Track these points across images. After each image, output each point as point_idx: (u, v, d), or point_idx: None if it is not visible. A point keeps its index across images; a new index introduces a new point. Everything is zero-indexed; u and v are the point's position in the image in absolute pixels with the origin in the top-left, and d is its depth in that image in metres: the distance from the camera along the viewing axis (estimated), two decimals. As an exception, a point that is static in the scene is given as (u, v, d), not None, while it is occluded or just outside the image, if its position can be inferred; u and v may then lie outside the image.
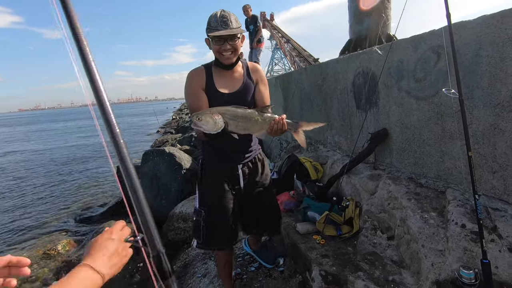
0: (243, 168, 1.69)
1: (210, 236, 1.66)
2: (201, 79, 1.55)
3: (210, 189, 1.68)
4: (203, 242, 1.68)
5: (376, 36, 4.13)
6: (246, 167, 1.70)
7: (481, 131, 1.63)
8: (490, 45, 1.53)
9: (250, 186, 1.73)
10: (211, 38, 1.47)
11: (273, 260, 2.19)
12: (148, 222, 0.43)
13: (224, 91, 1.57)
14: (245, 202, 1.76)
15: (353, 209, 2.28)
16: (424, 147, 2.05)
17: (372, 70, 2.51)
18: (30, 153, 14.62)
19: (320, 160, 3.26)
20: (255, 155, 1.74)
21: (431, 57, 1.89)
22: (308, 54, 13.69)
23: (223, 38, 1.44)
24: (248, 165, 1.71)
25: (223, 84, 1.57)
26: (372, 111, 2.57)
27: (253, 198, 1.75)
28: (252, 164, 1.73)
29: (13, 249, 4.25)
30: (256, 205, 1.79)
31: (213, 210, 1.66)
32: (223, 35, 1.43)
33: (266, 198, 1.82)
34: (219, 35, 1.42)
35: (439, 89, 1.85)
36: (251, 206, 1.78)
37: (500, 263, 1.33)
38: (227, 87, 1.58)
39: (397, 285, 1.62)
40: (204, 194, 1.69)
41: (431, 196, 1.91)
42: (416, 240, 1.68)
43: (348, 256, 1.92)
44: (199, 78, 1.55)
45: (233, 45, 1.47)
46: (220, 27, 1.43)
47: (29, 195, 7.16)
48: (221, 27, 1.42)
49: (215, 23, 1.44)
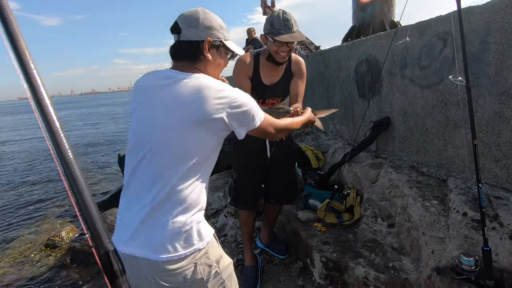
0: (270, 140, 1.87)
1: (237, 196, 1.97)
2: (249, 67, 1.73)
3: (241, 157, 1.94)
4: (232, 199, 2.00)
5: (380, 23, 4.04)
6: (274, 140, 1.88)
7: (486, 120, 1.62)
8: (498, 32, 1.50)
9: (276, 156, 1.90)
10: (273, 40, 1.57)
11: (284, 250, 2.23)
12: (93, 219, 0.40)
13: (265, 82, 1.75)
14: (270, 171, 1.95)
15: (354, 197, 2.29)
16: (427, 136, 2.03)
17: (376, 57, 2.47)
18: (29, 141, 14.63)
19: (322, 149, 3.25)
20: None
21: (437, 44, 1.86)
22: (309, 42, 13.49)
23: (286, 42, 1.55)
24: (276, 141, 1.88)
25: (266, 75, 1.75)
26: (375, 99, 2.55)
27: (277, 168, 1.94)
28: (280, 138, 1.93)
29: (16, 237, 4.30)
30: (279, 174, 1.97)
31: (241, 175, 1.94)
32: (287, 40, 1.54)
33: (288, 168, 2.03)
34: (284, 41, 1.53)
35: (444, 77, 1.82)
36: (274, 175, 1.97)
37: (500, 251, 1.34)
38: (269, 79, 1.75)
39: (397, 271, 1.64)
40: (236, 161, 1.98)
41: (433, 185, 1.91)
42: (417, 227, 1.70)
43: (348, 243, 1.94)
44: (248, 66, 1.73)
45: (291, 47, 1.61)
46: (283, 30, 1.54)
47: (29, 183, 7.21)
48: (284, 30, 1.54)
49: (279, 25, 1.54)
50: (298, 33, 1.57)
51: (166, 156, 0.90)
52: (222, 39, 1.03)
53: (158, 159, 0.90)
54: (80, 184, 0.39)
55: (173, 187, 0.89)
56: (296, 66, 1.78)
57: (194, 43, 0.98)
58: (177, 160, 0.90)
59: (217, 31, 1.01)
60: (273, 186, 2.01)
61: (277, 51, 1.60)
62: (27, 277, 3.22)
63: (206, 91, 0.89)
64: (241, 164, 1.96)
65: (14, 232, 4.49)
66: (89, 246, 0.42)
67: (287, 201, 2.14)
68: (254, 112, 0.98)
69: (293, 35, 1.55)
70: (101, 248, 0.40)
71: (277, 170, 1.96)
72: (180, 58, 1.01)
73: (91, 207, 0.39)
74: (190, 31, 0.97)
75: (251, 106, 0.97)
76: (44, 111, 0.39)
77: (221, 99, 0.90)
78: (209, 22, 0.99)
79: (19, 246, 4.01)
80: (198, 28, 0.97)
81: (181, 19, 0.99)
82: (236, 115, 0.94)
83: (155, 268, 0.87)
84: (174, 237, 0.88)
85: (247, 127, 0.98)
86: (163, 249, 0.87)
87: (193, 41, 0.98)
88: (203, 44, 0.98)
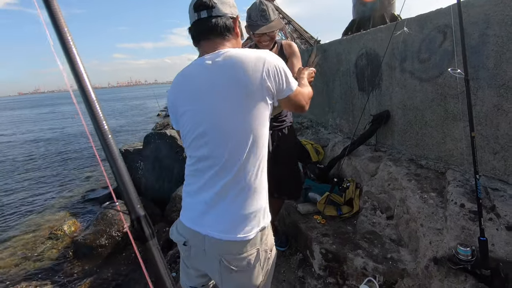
0: (272, 134, 1.86)
1: None
2: None
3: None
4: None
5: (380, 17, 4.02)
6: (276, 134, 1.88)
7: (484, 112, 1.63)
8: (498, 24, 1.50)
9: (278, 151, 1.90)
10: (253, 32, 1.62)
11: (285, 243, 2.26)
12: (126, 186, 0.43)
13: None
14: (271, 166, 1.91)
15: (354, 190, 2.31)
16: (426, 129, 2.05)
17: (376, 51, 2.47)
18: (33, 135, 14.64)
19: (321, 143, 3.27)
20: (286, 126, 1.93)
21: (437, 37, 1.86)
22: (309, 36, 13.42)
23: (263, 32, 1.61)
24: (277, 133, 1.89)
25: None
26: (375, 93, 2.55)
27: (278, 163, 1.90)
28: (281, 133, 1.91)
29: (18, 231, 4.34)
30: (280, 169, 1.94)
31: None
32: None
33: (290, 164, 2.01)
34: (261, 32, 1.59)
35: (443, 70, 1.83)
36: (276, 170, 1.94)
37: (496, 241, 1.37)
38: None
39: (395, 262, 1.67)
40: None
41: (431, 177, 1.93)
42: (415, 219, 1.72)
43: (348, 235, 1.96)
44: None
45: (271, 36, 1.67)
46: (260, 21, 1.59)
47: (32, 177, 7.24)
48: (261, 21, 1.59)
49: (255, 17, 1.59)
50: (276, 22, 1.62)
51: (231, 140, 0.91)
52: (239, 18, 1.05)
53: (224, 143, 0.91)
54: (114, 153, 0.42)
55: (242, 170, 0.90)
56: (288, 49, 1.84)
57: (229, 18, 0.98)
58: (241, 142, 0.91)
59: (236, 9, 1.03)
60: (275, 181, 2.03)
61: (260, 41, 1.69)
62: (30, 270, 3.26)
63: (245, 64, 0.89)
64: None
65: (16, 226, 4.53)
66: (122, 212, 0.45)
67: (291, 197, 2.14)
68: (290, 76, 0.98)
69: (270, 25, 1.60)
70: (133, 213, 0.43)
71: (279, 165, 1.96)
72: (211, 35, 0.97)
73: (125, 175, 0.42)
74: (224, 6, 0.97)
75: (287, 69, 0.97)
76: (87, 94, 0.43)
77: (260, 66, 0.89)
78: (233, 1, 1.02)
79: (22, 239, 4.05)
80: (229, 4, 0.98)
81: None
82: (276, 79, 0.92)
83: (222, 249, 0.90)
84: (244, 220, 0.91)
85: (284, 91, 0.97)
86: (232, 230, 0.90)
87: (228, 16, 0.97)
88: (235, 20, 1.00)
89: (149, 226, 0.44)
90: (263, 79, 0.89)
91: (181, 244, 1.00)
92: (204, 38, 0.98)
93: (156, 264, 0.44)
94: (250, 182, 0.92)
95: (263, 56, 0.91)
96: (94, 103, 0.43)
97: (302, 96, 1.08)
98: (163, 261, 0.45)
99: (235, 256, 0.90)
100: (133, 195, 0.43)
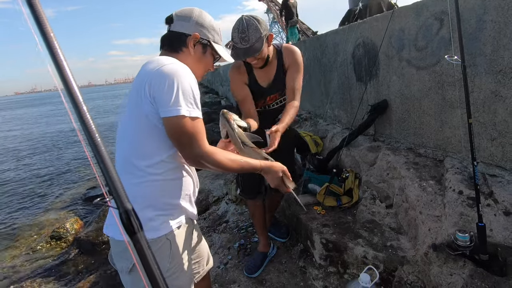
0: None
1: (244, 186, 1.97)
2: (243, 75, 1.70)
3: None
4: (241, 190, 2.01)
5: (377, 5, 3.99)
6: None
7: (482, 99, 1.63)
8: (495, 9, 1.49)
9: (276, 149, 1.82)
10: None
11: (285, 234, 2.28)
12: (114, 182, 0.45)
13: (262, 84, 1.72)
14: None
15: (353, 180, 2.32)
16: (424, 117, 2.05)
17: (373, 40, 2.45)
18: (32, 134, 14.61)
19: (320, 134, 3.27)
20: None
21: (434, 24, 1.84)
22: (306, 27, 13.33)
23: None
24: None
25: (261, 77, 1.71)
26: (372, 83, 2.55)
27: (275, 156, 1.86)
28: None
29: (21, 231, 4.37)
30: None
31: None
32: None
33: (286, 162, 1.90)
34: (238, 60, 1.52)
35: (440, 58, 1.82)
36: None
37: (494, 226, 1.38)
38: (265, 80, 1.71)
39: (395, 250, 1.69)
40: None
41: (430, 165, 1.94)
42: (414, 207, 1.73)
43: (348, 225, 1.98)
44: (241, 75, 1.70)
45: (257, 58, 1.53)
46: (240, 43, 1.47)
47: (33, 175, 7.25)
48: (240, 43, 1.47)
49: (236, 39, 1.47)
50: (258, 43, 1.46)
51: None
52: (211, 40, 1.07)
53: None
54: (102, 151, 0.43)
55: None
56: (289, 58, 1.67)
57: (181, 35, 1.02)
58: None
59: (207, 30, 1.06)
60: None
61: (246, 61, 1.59)
62: (34, 268, 3.29)
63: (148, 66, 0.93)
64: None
65: (19, 225, 4.55)
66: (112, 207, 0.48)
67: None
68: (182, 97, 0.87)
69: (249, 48, 1.45)
70: (121, 206, 0.45)
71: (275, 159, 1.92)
72: (165, 47, 1.05)
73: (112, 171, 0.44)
74: (180, 24, 1.03)
75: (182, 90, 0.87)
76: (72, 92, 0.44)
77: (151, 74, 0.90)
78: (202, 20, 1.04)
79: (25, 237, 4.08)
80: (189, 22, 1.03)
81: (177, 11, 1.05)
82: (158, 92, 0.87)
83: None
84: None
85: (164, 111, 0.87)
86: None
87: (180, 33, 1.02)
88: (189, 38, 1.02)
89: (137, 220, 0.46)
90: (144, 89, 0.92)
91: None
92: (162, 48, 1.08)
93: (144, 255, 0.46)
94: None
95: (159, 69, 0.91)
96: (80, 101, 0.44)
97: (194, 136, 0.91)
98: (151, 252, 0.47)
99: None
100: (121, 191, 0.45)
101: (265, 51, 1.54)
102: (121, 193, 0.45)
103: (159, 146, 0.93)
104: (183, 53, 1.03)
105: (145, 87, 0.87)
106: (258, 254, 2.05)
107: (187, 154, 0.92)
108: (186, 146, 0.90)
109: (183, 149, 0.92)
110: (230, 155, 1.00)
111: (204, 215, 3.02)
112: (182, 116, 0.87)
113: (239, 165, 1.01)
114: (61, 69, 0.43)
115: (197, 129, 0.90)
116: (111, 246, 1.01)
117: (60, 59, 0.43)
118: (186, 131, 0.88)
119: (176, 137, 0.90)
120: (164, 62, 0.90)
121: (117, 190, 0.45)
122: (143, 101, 0.88)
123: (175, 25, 1.03)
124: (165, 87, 0.85)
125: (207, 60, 1.09)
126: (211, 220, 2.87)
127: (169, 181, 0.97)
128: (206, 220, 2.91)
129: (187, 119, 0.88)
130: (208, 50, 1.08)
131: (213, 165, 0.93)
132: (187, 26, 1.02)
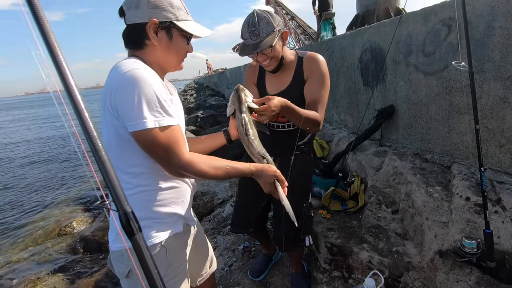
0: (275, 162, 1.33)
1: (233, 220, 1.78)
2: (254, 75, 1.56)
3: (241, 178, 1.74)
4: (231, 223, 1.84)
5: (385, 10, 3.99)
6: (280, 162, 1.45)
7: (490, 105, 1.62)
8: (504, 16, 1.49)
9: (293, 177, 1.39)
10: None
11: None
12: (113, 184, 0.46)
13: (270, 90, 1.49)
14: (273, 199, 1.59)
15: (359, 184, 2.32)
16: (431, 123, 2.04)
17: (380, 45, 2.46)
18: (40, 134, 14.85)
19: (326, 138, 3.27)
20: (295, 153, 1.47)
21: (442, 30, 1.85)
22: (313, 31, 13.33)
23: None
24: (281, 161, 1.48)
25: (272, 83, 1.50)
26: (379, 88, 2.55)
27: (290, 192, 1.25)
28: (285, 161, 1.47)
29: (28, 227, 4.43)
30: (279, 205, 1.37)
31: (238, 197, 1.76)
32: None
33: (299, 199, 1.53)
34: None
35: (448, 63, 1.82)
36: (276, 205, 1.62)
37: (502, 233, 1.37)
38: (275, 86, 1.48)
39: (401, 255, 1.68)
40: (239, 181, 1.83)
41: (437, 171, 1.93)
42: (420, 213, 1.73)
43: (353, 229, 1.98)
44: (253, 74, 1.57)
45: (269, 55, 1.31)
46: (249, 39, 1.28)
47: (40, 174, 7.36)
48: (250, 39, 1.28)
49: (245, 34, 1.28)
50: (269, 37, 1.26)
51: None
52: (173, 20, 0.89)
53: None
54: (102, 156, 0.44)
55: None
56: (310, 67, 1.39)
57: (138, 26, 0.86)
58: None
59: (165, 10, 0.87)
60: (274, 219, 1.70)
61: (257, 61, 1.37)
62: (40, 265, 3.33)
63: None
64: (240, 183, 1.78)
65: (25, 222, 4.62)
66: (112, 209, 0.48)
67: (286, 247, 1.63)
68: (146, 108, 0.78)
69: (259, 44, 1.26)
70: (121, 209, 0.46)
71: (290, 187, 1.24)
72: (129, 45, 0.91)
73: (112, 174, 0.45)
74: (132, 13, 0.86)
75: (146, 99, 0.78)
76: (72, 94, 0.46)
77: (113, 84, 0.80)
78: (154, 0, 0.86)
79: (31, 235, 4.14)
80: (141, 8, 0.85)
81: (125, 0, 0.87)
82: (120, 105, 0.79)
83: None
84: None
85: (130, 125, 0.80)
86: None
87: (136, 24, 0.86)
88: (147, 27, 0.86)
89: (135, 222, 0.47)
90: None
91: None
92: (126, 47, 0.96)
93: (143, 256, 0.46)
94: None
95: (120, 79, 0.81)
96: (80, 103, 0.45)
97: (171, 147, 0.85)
98: (149, 253, 0.47)
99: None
100: (121, 193, 0.46)
101: (279, 49, 1.33)
102: (120, 196, 0.46)
103: (139, 158, 0.87)
104: (148, 47, 0.89)
105: (107, 100, 0.80)
106: (263, 257, 2.05)
107: (166, 167, 0.86)
108: (163, 158, 0.84)
109: (160, 162, 0.85)
110: (213, 161, 0.91)
111: (209, 217, 3.03)
112: (149, 129, 0.79)
113: (224, 172, 0.93)
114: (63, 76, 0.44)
115: (172, 139, 0.83)
116: (110, 251, 0.98)
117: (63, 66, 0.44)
118: (159, 143, 0.81)
119: (151, 151, 0.83)
120: (123, 69, 0.79)
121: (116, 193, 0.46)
122: (109, 114, 0.81)
123: (128, 17, 0.87)
124: (126, 98, 0.77)
125: (178, 44, 0.93)
126: (216, 222, 2.89)
127: (159, 190, 0.92)
128: (211, 222, 2.92)
129: (156, 131, 0.80)
130: (175, 33, 0.91)
131: (196, 174, 0.87)
132: (140, 13, 0.85)
